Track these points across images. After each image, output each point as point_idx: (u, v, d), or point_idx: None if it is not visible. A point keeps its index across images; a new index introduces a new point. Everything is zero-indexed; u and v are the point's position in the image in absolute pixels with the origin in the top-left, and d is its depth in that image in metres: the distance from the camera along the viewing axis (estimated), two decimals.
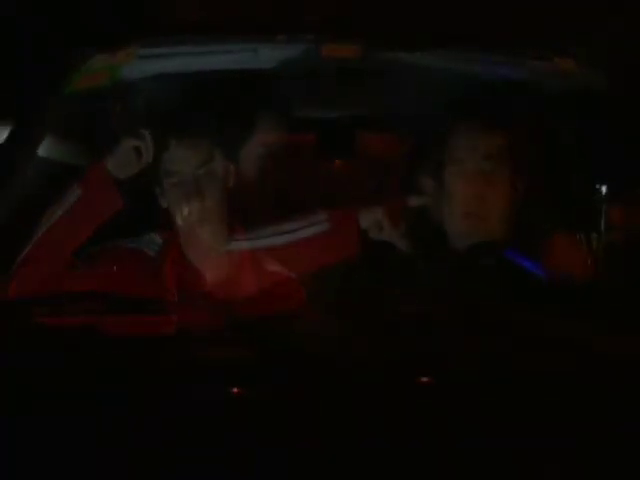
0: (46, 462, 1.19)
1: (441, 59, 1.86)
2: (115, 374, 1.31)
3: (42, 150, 1.84)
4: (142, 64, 1.90)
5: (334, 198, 2.36)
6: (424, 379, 1.33)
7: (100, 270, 1.76)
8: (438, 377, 1.33)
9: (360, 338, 1.41)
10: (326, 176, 2.40)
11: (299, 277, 1.74)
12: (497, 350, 1.38)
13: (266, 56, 1.86)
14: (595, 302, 1.57)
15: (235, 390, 1.29)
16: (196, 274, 1.79)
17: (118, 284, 1.70)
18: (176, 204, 1.78)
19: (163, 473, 1.18)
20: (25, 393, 1.29)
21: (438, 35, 1.92)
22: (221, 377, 1.31)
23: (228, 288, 1.76)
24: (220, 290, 1.77)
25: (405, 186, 2.01)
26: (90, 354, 1.35)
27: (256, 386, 1.30)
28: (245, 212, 1.85)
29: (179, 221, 1.78)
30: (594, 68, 1.88)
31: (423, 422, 1.25)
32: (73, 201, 1.75)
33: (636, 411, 1.29)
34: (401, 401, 1.29)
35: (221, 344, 1.39)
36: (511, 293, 1.62)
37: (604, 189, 1.90)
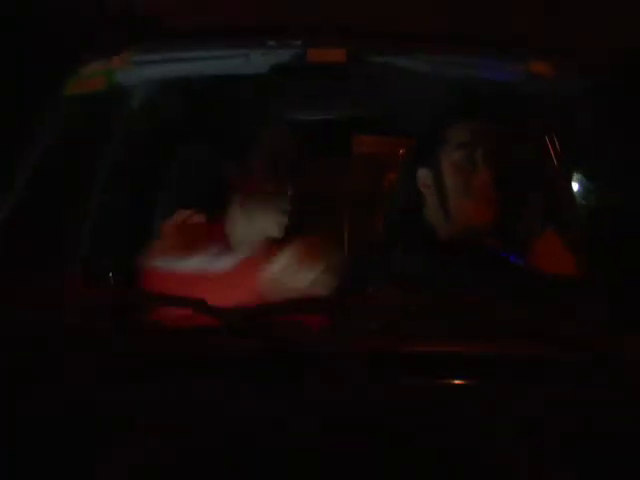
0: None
1: (427, 62, 1.88)
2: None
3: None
4: (136, 70, 1.91)
5: (331, 199, 2.39)
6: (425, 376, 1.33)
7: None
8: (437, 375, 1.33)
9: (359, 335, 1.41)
10: (322, 177, 2.42)
11: None
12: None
13: (258, 61, 1.87)
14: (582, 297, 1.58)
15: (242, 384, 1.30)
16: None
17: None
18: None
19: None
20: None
21: (424, 37, 1.93)
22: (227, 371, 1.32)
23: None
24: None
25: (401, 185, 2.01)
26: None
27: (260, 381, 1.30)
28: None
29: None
30: (573, 73, 1.90)
31: (424, 420, 1.25)
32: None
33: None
34: (401, 399, 1.29)
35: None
36: (503, 289, 1.62)
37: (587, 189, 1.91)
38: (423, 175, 1.91)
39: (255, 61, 1.86)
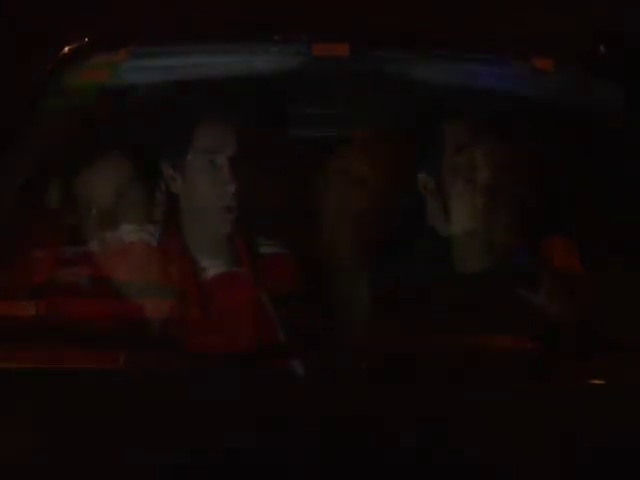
0: None
1: (430, 58, 1.87)
2: None
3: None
4: (138, 62, 1.90)
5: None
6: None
7: (100, 260, 1.79)
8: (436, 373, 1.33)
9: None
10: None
11: None
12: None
13: (261, 56, 1.86)
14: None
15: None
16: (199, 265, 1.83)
17: (120, 273, 1.75)
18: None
19: None
20: None
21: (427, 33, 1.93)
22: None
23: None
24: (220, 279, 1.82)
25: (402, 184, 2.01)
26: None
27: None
28: None
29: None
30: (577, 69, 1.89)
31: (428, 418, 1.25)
32: None
33: None
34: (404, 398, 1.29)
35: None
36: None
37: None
38: (423, 179, 1.89)
39: (260, 56, 1.87)
